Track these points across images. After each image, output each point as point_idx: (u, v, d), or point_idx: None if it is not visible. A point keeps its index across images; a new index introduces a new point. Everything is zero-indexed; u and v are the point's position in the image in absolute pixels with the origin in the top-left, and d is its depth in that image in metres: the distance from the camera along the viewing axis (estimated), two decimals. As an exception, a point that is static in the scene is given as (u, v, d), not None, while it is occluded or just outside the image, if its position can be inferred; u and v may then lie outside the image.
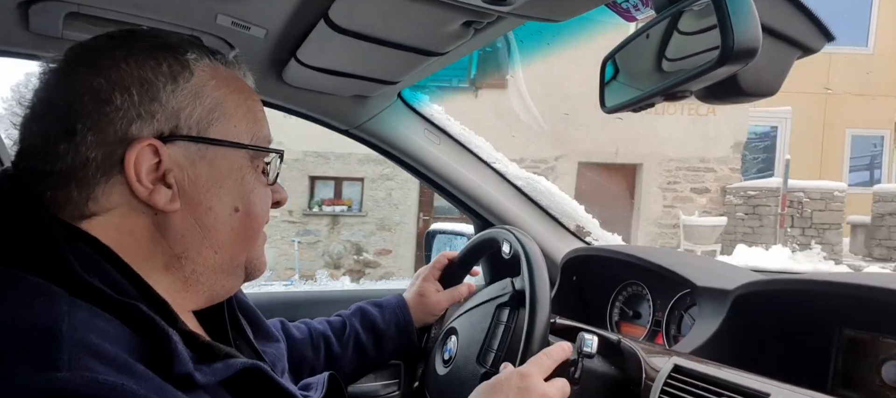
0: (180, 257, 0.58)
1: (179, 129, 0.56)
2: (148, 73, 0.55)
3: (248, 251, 0.63)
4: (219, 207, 0.59)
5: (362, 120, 1.32)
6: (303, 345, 0.98)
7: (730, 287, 0.94)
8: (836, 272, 0.88)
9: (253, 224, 0.62)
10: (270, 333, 0.79)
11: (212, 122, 0.58)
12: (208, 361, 0.54)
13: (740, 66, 0.53)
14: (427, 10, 0.82)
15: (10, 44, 1.08)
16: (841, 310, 0.84)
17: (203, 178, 0.58)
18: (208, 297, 0.63)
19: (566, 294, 1.29)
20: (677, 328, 1.09)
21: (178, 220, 0.57)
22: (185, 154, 0.57)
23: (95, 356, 0.44)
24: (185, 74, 0.57)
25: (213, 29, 0.99)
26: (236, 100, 0.61)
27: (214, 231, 0.59)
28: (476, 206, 1.41)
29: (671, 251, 1.19)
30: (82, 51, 0.57)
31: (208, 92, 0.58)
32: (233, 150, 0.60)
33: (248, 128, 0.62)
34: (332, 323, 1.05)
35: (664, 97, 0.63)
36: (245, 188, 0.61)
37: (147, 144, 0.54)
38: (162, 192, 0.56)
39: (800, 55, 0.57)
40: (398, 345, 1.06)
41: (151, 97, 0.55)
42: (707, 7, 0.54)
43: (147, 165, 0.55)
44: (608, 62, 0.73)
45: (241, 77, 0.64)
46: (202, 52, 0.60)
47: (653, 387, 0.81)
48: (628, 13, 0.76)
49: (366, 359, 1.04)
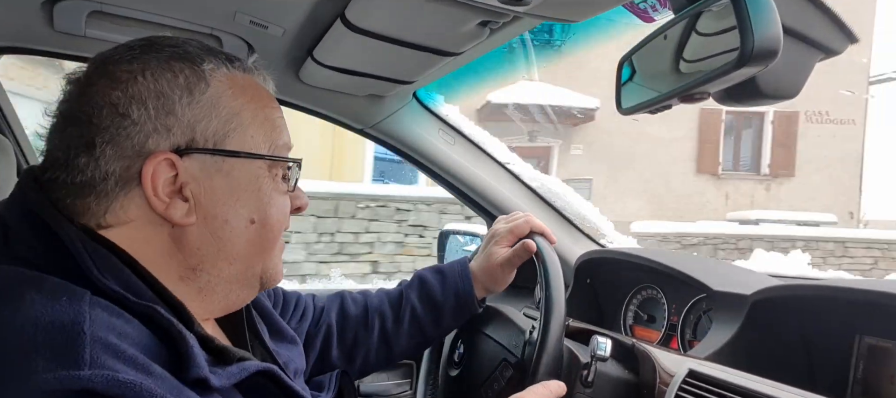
0: (195, 269, 0.58)
1: (196, 141, 0.56)
2: (164, 86, 0.55)
3: (263, 261, 0.63)
4: (235, 220, 0.59)
5: (377, 119, 1.33)
6: (355, 323, 0.95)
7: (747, 292, 0.93)
8: (857, 279, 0.87)
9: (269, 234, 0.62)
10: (286, 334, 0.79)
11: (228, 133, 0.58)
12: (223, 364, 0.54)
13: (760, 68, 0.52)
14: (443, 9, 0.82)
15: (35, 41, 1.10)
16: (861, 317, 0.82)
17: (219, 191, 0.58)
18: (224, 307, 0.63)
19: (580, 297, 1.29)
20: (693, 333, 1.08)
21: (194, 233, 0.57)
22: (202, 167, 0.57)
23: (115, 355, 0.45)
24: (202, 86, 0.57)
25: (232, 27, 1.01)
26: (254, 109, 0.60)
27: (230, 243, 0.59)
28: (490, 207, 1.40)
29: (687, 255, 1.18)
30: (101, 63, 0.57)
31: (225, 102, 0.58)
32: (249, 161, 0.59)
33: (266, 136, 0.61)
34: (390, 295, 1.00)
35: (682, 99, 0.62)
36: (262, 199, 0.61)
37: (164, 158, 0.55)
38: (178, 205, 0.56)
39: (821, 57, 0.56)
40: (458, 316, 0.99)
41: (168, 110, 0.55)
42: (726, 7, 0.53)
43: (164, 179, 0.55)
44: (625, 63, 0.72)
45: (260, 83, 0.64)
46: (220, 61, 0.60)
47: (667, 392, 0.80)
48: (646, 13, 0.75)
49: (424, 335, 0.98)
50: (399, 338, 0.96)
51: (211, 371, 0.52)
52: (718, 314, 0.98)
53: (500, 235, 0.99)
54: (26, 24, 1.02)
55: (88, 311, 0.47)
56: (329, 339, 0.94)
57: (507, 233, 0.98)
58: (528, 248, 0.93)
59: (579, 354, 0.86)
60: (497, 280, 0.98)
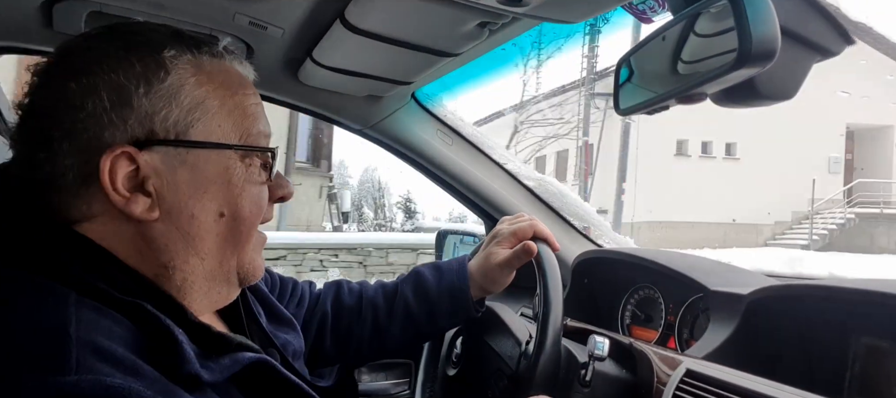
0: (167, 267, 0.56)
1: (155, 133, 0.53)
2: (120, 77, 0.53)
3: (238, 256, 0.60)
4: (202, 214, 0.56)
5: (376, 120, 1.33)
6: (349, 313, 0.94)
7: (744, 292, 0.93)
8: (855, 278, 0.87)
9: (241, 227, 0.59)
10: (284, 318, 0.78)
11: (191, 123, 0.55)
12: (217, 355, 0.53)
13: (758, 69, 0.53)
14: (442, 10, 0.82)
15: (34, 42, 1.10)
16: (859, 316, 0.83)
17: (184, 184, 0.55)
18: (209, 304, 0.60)
19: (577, 296, 1.29)
20: (690, 332, 1.08)
21: (160, 229, 0.55)
22: (164, 160, 0.54)
23: (103, 357, 0.44)
24: (160, 74, 0.54)
25: (231, 28, 1.01)
26: (222, 96, 0.57)
27: (198, 239, 0.56)
28: (488, 207, 1.41)
29: (684, 254, 1.18)
30: (61, 54, 0.55)
31: (187, 91, 0.55)
32: (217, 151, 0.56)
33: (236, 125, 0.58)
34: (386, 288, 0.98)
35: (679, 100, 0.62)
36: (232, 191, 0.57)
37: (122, 151, 0.52)
38: (139, 200, 0.53)
39: (819, 58, 0.56)
40: (453, 315, 0.96)
41: (123, 101, 0.52)
42: (724, 9, 0.54)
43: (123, 173, 0.52)
44: (623, 64, 0.72)
45: (233, 68, 0.61)
46: (183, 47, 0.56)
47: (664, 392, 0.80)
48: (644, 15, 0.76)
49: (417, 329, 0.96)
50: (391, 330, 0.94)
51: (202, 366, 0.50)
52: (715, 314, 0.99)
53: (502, 236, 0.96)
54: (25, 24, 1.02)
55: (74, 313, 0.46)
56: (324, 327, 0.94)
57: (510, 235, 0.96)
58: (529, 250, 0.91)
59: (577, 354, 0.86)
60: (495, 281, 0.96)
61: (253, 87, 0.62)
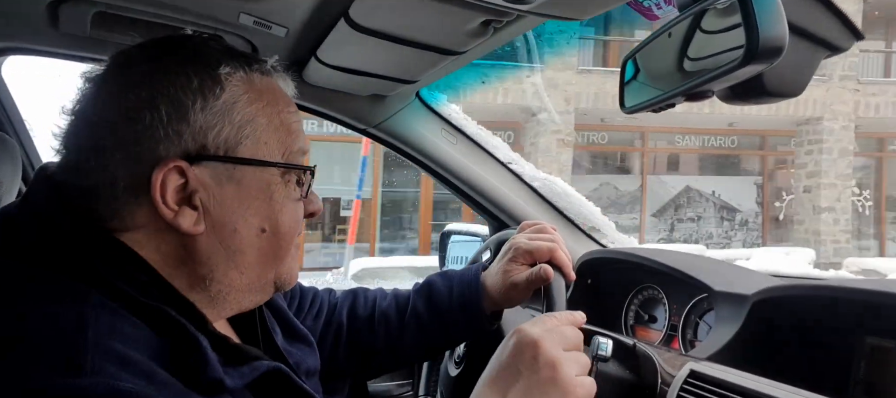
0: (205, 278, 0.57)
1: (207, 149, 0.55)
2: (177, 91, 0.54)
3: (276, 269, 0.61)
4: (244, 229, 0.57)
5: (380, 119, 1.33)
6: (362, 325, 0.93)
7: (748, 292, 0.93)
8: (860, 279, 0.86)
9: (281, 243, 0.60)
10: (300, 334, 0.77)
11: (241, 140, 0.56)
12: (236, 364, 0.54)
13: (765, 65, 0.52)
14: (447, 9, 0.82)
15: (40, 43, 1.11)
16: (864, 317, 0.82)
17: (229, 199, 0.56)
18: (236, 310, 0.62)
19: (581, 297, 1.28)
20: (694, 333, 1.08)
21: (204, 243, 0.56)
22: (213, 175, 0.55)
23: (118, 361, 0.44)
24: (216, 90, 0.55)
25: (236, 28, 1.01)
26: (269, 114, 0.59)
27: (240, 253, 0.57)
28: (492, 207, 1.41)
29: (688, 254, 1.18)
30: (117, 64, 0.56)
31: (239, 108, 0.57)
32: (261, 168, 0.58)
33: (280, 142, 0.60)
34: (399, 299, 0.95)
35: (686, 97, 0.62)
36: (273, 207, 0.59)
37: (174, 166, 0.53)
38: (187, 214, 0.54)
39: (827, 54, 0.56)
40: (467, 328, 0.92)
41: (180, 116, 0.53)
42: (731, 5, 0.53)
43: (173, 187, 0.53)
44: (629, 61, 0.72)
45: (279, 86, 0.62)
46: (237, 64, 0.58)
47: (668, 393, 0.80)
48: (650, 11, 0.75)
49: (430, 342, 0.92)
50: (403, 343, 0.92)
51: (225, 372, 0.51)
52: (720, 314, 0.98)
53: (519, 252, 0.90)
54: (31, 26, 1.03)
55: (93, 315, 0.46)
56: (339, 340, 0.92)
57: (526, 253, 0.89)
58: (545, 278, 0.85)
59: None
60: (510, 299, 0.91)
61: (294, 103, 0.64)
